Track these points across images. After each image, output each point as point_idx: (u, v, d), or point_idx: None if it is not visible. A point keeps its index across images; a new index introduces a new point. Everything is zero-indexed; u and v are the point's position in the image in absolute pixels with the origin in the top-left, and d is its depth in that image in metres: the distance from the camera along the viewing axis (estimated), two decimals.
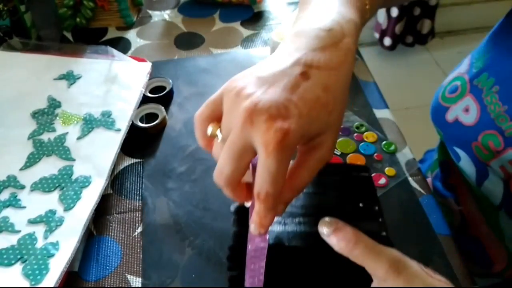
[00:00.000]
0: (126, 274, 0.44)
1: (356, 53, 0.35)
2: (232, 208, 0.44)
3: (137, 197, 0.51)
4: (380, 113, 0.60)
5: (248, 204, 0.36)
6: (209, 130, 0.35)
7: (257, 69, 0.34)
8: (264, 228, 0.33)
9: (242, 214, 0.42)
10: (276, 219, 0.39)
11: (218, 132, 0.34)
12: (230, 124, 0.32)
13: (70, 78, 0.61)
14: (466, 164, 0.53)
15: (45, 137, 0.54)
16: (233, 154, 0.32)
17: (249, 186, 0.35)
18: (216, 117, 0.35)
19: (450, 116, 0.52)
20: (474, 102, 0.49)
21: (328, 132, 0.33)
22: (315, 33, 0.34)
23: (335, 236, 0.33)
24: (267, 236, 0.35)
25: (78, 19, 0.73)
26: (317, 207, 0.42)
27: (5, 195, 0.49)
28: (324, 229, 0.34)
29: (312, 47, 0.33)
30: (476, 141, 0.49)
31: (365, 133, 0.56)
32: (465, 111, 0.50)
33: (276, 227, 0.42)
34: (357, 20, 0.37)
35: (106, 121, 0.56)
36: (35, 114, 0.57)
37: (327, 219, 0.34)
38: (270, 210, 0.32)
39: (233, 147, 0.32)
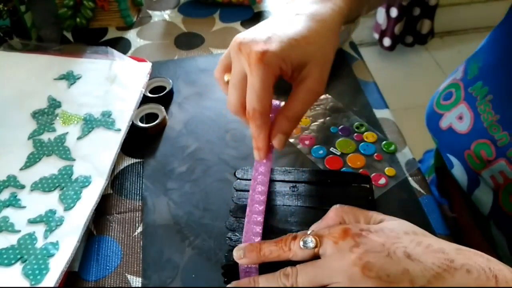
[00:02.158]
0: (126, 274, 0.44)
1: (342, 22, 0.42)
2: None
3: (137, 197, 0.51)
4: (380, 113, 0.60)
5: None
6: (225, 78, 0.42)
7: (260, 25, 0.40)
8: (262, 151, 0.38)
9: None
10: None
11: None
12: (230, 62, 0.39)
13: (70, 78, 0.61)
14: (458, 171, 0.53)
15: (45, 137, 0.54)
16: (233, 83, 0.39)
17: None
18: (229, 67, 0.41)
19: (444, 124, 0.52)
20: (468, 110, 0.49)
21: (312, 63, 0.38)
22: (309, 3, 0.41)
23: (325, 218, 0.38)
24: (270, 164, 0.41)
25: (78, 19, 0.73)
26: (314, 221, 0.41)
27: (5, 195, 0.49)
28: (317, 224, 0.38)
29: (305, 3, 0.41)
30: (469, 149, 0.49)
31: (365, 133, 0.56)
32: (459, 119, 0.50)
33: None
34: (342, 5, 0.42)
35: (106, 121, 0.56)
36: (35, 114, 0.57)
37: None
38: (260, 127, 0.37)
39: (232, 78, 0.39)
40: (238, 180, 0.46)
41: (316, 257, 0.34)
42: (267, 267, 0.36)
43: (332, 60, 0.40)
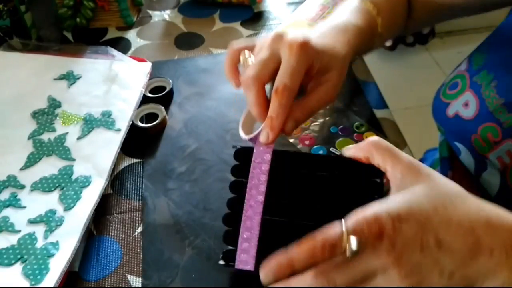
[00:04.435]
0: (126, 274, 0.44)
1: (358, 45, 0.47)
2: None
3: (137, 197, 0.51)
4: (380, 113, 0.60)
5: (244, 136, 0.42)
6: (241, 59, 0.43)
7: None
8: (274, 132, 0.39)
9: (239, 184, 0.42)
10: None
11: (249, 59, 0.43)
12: (261, 47, 0.42)
13: (70, 78, 0.61)
14: (465, 157, 0.54)
15: (45, 137, 0.54)
16: (262, 59, 0.40)
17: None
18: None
19: (450, 112, 0.53)
20: (473, 97, 0.50)
21: (335, 70, 0.42)
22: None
23: (357, 146, 0.39)
24: (270, 153, 0.40)
25: (78, 19, 0.73)
26: (315, 212, 0.41)
27: (5, 195, 0.49)
28: (349, 149, 0.39)
29: (340, 13, 0.49)
30: (476, 133, 0.50)
31: (365, 133, 0.56)
32: (465, 106, 0.51)
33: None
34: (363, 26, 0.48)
35: (106, 121, 0.56)
36: (35, 114, 0.57)
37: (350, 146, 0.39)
38: (284, 106, 0.39)
39: (262, 55, 0.40)
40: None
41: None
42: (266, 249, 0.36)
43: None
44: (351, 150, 0.39)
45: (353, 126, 0.57)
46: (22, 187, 0.49)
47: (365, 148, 0.38)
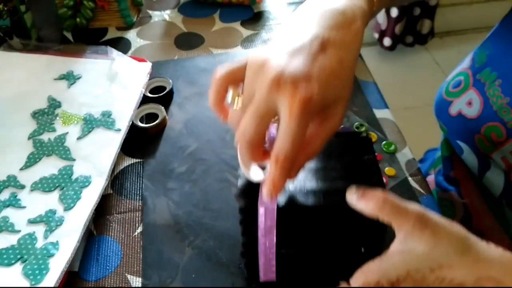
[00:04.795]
0: (126, 274, 0.44)
1: (362, 38, 0.39)
2: (240, 182, 0.43)
3: (137, 197, 0.51)
4: (380, 113, 0.60)
5: (255, 177, 0.38)
6: (229, 93, 0.37)
7: (279, 43, 0.36)
8: (277, 192, 0.35)
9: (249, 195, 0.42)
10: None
11: (237, 99, 0.37)
12: (253, 91, 0.35)
13: (70, 78, 0.61)
14: (468, 157, 0.54)
15: (45, 137, 0.54)
16: (257, 116, 0.34)
17: (266, 153, 0.38)
18: (235, 81, 0.37)
19: (453, 110, 0.53)
20: (477, 95, 0.50)
21: (340, 103, 0.37)
22: (330, 13, 0.37)
23: (364, 198, 0.35)
24: (276, 202, 0.37)
25: (78, 19, 0.73)
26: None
27: (5, 195, 0.49)
28: (353, 196, 0.36)
29: (328, 25, 0.37)
30: (479, 133, 0.50)
31: (365, 133, 0.56)
32: (468, 104, 0.51)
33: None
34: (365, 8, 0.40)
35: (106, 121, 0.56)
36: (35, 114, 0.57)
37: (354, 188, 0.36)
38: (286, 173, 0.35)
39: (257, 110, 0.34)
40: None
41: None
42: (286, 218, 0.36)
43: None
44: (358, 205, 0.36)
45: (353, 126, 0.57)
46: (22, 187, 0.49)
47: (371, 208, 0.36)
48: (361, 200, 0.35)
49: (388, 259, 0.34)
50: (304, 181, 0.42)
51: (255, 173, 0.38)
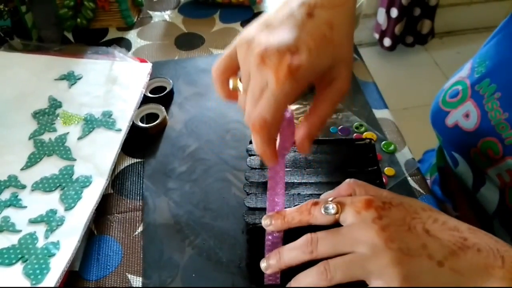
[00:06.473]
0: (127, 274, 0.45)
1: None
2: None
3: (138, 197, 0.51)
4: (380, 113, 0.60)
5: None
6: (231, 84, 0.38)
7: (265, 17, 0.36)
8: (272, 160, 0.35)
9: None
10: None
11: (239, 84, 0.37)
12: (247, 72, 0.35)
13: (71, 78, 0.62)
14: (463, 170, 0.53)
15: (46, 137, 0.55)
16: (254, 97, 0.34)
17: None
18: (232, 69, 0.38)
19: (450, 121, 0.52)
20: (474, 108, 0.49)
21: (341, 64, 0.36)
22: None
23: (337, 189, 0.39)
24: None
25: (78, 20, 0.73)
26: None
27: (6, 195, 0.49)
28: (329, 193, 0.39)
29: None
30: (475, 147, 0.49)
31: (365, 133, 0.56)
32: (465, 117, 0.50)
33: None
34: None
35: (106, 121, 0.56)
36: (36, 114, 0.57)
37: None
38: (267, 141, 0.34)
39: (253, 91, 0.34)
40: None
41: (336, 224, 0.35)
42: (292, 235, 0.37)
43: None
44: (333, 193, 0.38)
45: (353, 126, 0.57)
46: (23, 187, 0.50)
47: (346, 188, 0.38)
48: (335, 190, 0.39)
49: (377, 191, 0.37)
50: (307, 190, 0.43)
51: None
